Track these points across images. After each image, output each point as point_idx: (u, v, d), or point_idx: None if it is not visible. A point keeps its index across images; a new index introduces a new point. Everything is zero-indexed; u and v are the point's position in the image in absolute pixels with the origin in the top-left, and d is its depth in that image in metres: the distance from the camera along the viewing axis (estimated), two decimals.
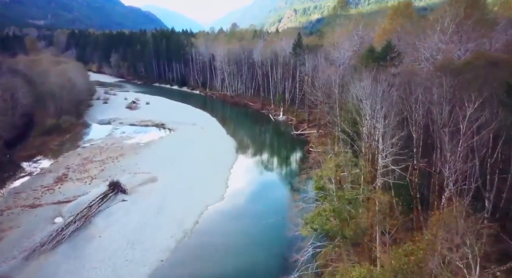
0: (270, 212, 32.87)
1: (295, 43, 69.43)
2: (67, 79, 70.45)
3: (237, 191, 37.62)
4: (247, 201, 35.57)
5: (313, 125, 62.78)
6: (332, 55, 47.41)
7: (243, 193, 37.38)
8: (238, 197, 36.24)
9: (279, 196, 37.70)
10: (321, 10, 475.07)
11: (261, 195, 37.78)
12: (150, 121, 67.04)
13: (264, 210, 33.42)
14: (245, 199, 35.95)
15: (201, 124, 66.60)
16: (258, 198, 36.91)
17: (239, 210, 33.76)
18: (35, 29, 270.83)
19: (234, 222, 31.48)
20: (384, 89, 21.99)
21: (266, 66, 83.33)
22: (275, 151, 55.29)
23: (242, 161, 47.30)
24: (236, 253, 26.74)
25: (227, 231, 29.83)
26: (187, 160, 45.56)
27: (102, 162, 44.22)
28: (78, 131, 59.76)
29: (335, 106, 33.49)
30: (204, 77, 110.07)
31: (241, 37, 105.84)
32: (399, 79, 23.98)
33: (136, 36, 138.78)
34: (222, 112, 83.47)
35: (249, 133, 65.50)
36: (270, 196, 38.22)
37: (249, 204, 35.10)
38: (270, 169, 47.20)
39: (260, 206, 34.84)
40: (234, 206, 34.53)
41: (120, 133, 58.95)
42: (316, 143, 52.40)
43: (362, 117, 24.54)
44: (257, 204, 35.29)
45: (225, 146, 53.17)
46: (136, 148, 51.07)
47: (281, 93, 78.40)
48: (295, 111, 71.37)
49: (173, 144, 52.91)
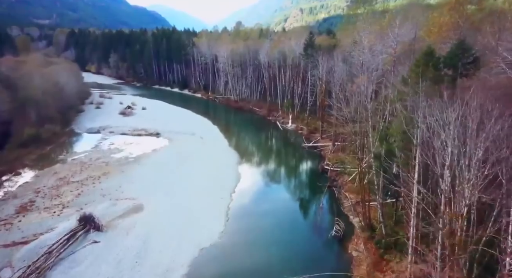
0: (278, 260, 25.55)
1: (307, 43, 62.12)
2: (54, 82, 63.81)
3: (239, 226, 30.43)
4: (251, 242, 28.15)
5: (327, 137, 55.46)
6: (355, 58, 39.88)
7: (246, 228, 30.18)
8: (240, 235, 29.03)
9: (291, 236, 29.26)
10: (327, 9, 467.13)
11: (267, 231, 30.04)
12: (144, 130, 60.10)
13: (270, 257, 26.03)
14: (247, 239, 28.62)
15: (201, 133, 59.57)
16: (264, 236, 29.17)
17: (239, 254, 26.55)
18: (36, 29, 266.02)
19: (231, 273, 24.24)
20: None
21: (273, 69, 76.17)
22: (285, 169, 47.74)
23: (246, 182, 40.00)
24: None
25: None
26: (181, 181, 38.50)
27: (80, 184, 37.25)
28: (62, 143, 53.01)
29: (367, 127, 25.85)
30: (206, 79, 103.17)
31: (246, 37, 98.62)
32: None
33: (135, 36, 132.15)
34: (224, 119, 76.35)
35: (254, 145, 58.18)
36: (278, 233, 29.99)
37: (253, 246, 27.71)
38: (278, 193, 39.49)
39: (264, 249, 27.22)
40: (234, 247, 27.30)
41: (109, 145, 52.05)
42: (333, 159, 45.03)
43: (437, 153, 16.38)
44: (262, 246, 27.66)
45: (226, 161, 46.03)
46: (123, 163, 44.09)
47: (290, 98, 71.07)
48: (306, 119, 64.02)
49: (166, 159, 45.88)
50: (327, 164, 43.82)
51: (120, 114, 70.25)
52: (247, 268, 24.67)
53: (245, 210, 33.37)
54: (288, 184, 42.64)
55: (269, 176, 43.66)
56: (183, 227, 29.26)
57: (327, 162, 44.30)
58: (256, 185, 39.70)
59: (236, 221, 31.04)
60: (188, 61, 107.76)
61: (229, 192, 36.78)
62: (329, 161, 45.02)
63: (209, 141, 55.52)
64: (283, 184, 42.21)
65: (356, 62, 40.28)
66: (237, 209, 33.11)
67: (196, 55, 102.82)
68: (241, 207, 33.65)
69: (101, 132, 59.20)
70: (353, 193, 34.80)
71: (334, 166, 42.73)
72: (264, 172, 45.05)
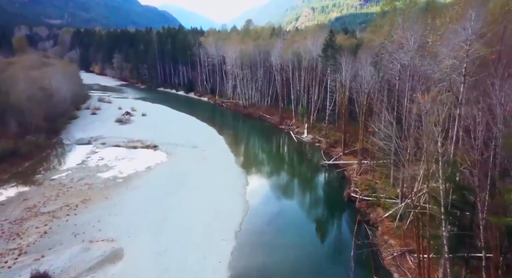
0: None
1: (326, 43, 54.09)
2: (42, 86, 57.23)
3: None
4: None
5: (350, 152, 47.51)
6: (395, 63, 31.68)
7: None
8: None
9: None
10: (340, 8, 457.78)
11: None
12: (140, 141, 53.03)
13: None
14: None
15: (204, 146, 52.32)
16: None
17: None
18: (45, 28, 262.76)
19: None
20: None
21: (287, 72, 68.39)
22: (301, 197, 39.44)
23: (255, 215, 32.32)
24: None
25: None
26: (174, 214, 31.14)
27: (51, 216, 30.19)
28: (43, 158, 46.22)
29: (435, 164, 17.84)
30: (213, 82, 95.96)
31: (257, 36, 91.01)
32: None
33: (140, 35, 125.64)
34: (232, 128, 68.85)
35: (265, 161, 50.36)
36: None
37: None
38: (295, 234, 30.97)
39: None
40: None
41: (97, 161, 45.06)
42: (361, 183, 37.05)
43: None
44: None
45: (232, 184, 38.53)
46: (110, 186, 36.95)
47: (305, 105, 63.19)
48: (325, 129, 56.08)
49: (160, 181, 38.61)
50: (354, 190, 35.84)
51: (116, 122, 63.29)
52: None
53: (252, 259, 25.72)
54: (306, 219, 33.69)
55: (282, 206, 35.66)
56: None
57: (354, 188, 36.29)
58: (267, 219, 31.85)
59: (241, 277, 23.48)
60: (194, 62, 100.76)
61: (234, 229, 29.24)
62: (356, 185, 37.04)
63: (213, 156, 48.11)
64: (301, 219, 33.42)
65: (395, 68, 32.14)
66: (243, 258, 25.47)
67: (203, 56, 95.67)
68: (248, 255, 26.02)
69: (92, 144, 52.35)
70: (396, 237, 26.84)
71: (363, 193, 34.76)
72: (276, 200, 36.95)
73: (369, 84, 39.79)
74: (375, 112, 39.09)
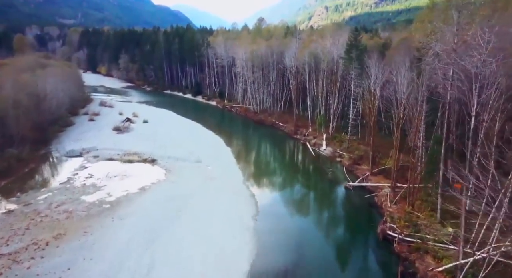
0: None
1: (350, 43, 46.90)
2: (32, 91, 51.71)
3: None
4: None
5: (379, 171, 40.39)
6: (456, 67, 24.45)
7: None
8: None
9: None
10: (354, 7, 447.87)
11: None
12: (137, 154, 46.92)
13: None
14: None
15: (209, 160, 46.00)
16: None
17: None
18: (56, 28, 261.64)
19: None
20: None
21: (303, 75, 61.45)
22: (323, 233, 31.69)
23: (265, 256, 25.62)
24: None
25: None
26: (164, 261, 24.64)
27: (12, 259, 24.07)
28: (25, 175, 40.39)
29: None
30: (222, 85, 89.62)
31: (270, 36, 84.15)
32: None
33: (146, 35, 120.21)
34: (241, 137, 62.25)
35: (277, 180, 43.29)
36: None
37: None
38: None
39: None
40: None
41: (85, 179, 39.06)
42: (398, 217, 29.91)
43: None
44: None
45: (239, 215, 31.87)
46: (92, 215, 30.78)
47: (324, 113, 56.16)
48: (346, 142, 48.97)
49: (154, 208, 32.26)
50: (391, 226, 28.70)
51: (114, 130, 57.38)
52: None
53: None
54: (331, 268, 26.69)
55: (299, 246, 28.46)
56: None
57: (390, 223, 29.15)
58: (281, 267, 25.04)
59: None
60: (202, 63, 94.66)
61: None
62: (391, 219, 29.92)
63: (218, 173, 41.60)
64: (324, 268, 26.28)
65: (448, 74, 24.92)
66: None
67: (211, 57, 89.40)
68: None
69: (83, 156, 46.51)
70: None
71: (403, 231, 27.59)
72: (292, 238, 29.69)
73: (406, 93, 32.58)
74: (415, 127, 31.99)
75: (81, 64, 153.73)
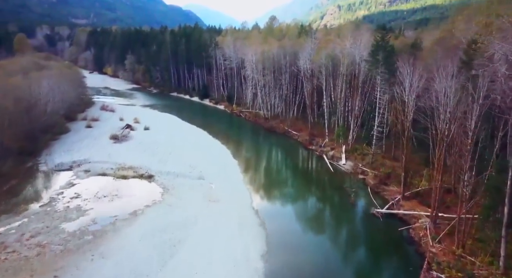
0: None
1: (377, 44, 40.69)
2: (20, 96, 47.14)
3: None
4: None
5: (412, 194, 34.21)
6: None
7: None
8: None
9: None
10: (368, 5, 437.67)
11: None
12: (132, 169, 41.71)
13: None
14: None
15: (213, 176, 40.56)
16: None
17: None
18: (67, 28, 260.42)
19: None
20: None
21: (319, 78, 55.42)
22: (349, 272, 25.95)
23: None
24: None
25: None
26: None
27: None
28: (2, 193, 35.55)
29: None
30: (231, 88, 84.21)
31: (282, 35, 78.23)
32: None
33: (153, 35, 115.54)
34: (250, 147, 56.55)
35: (290, 205, 37.00)
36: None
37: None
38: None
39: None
40: None
41: (70, 199, 34.02)
42: (446, 261, 23.74)
43: None
44: None
45: (245, 254, 26.13)
46: (69, 250, 25.54)
47: (343, 123, 50.10)
48: (370, 155, 42.84)
49: (146, 241, 26.86)
50: (438, 276, 22.56)
51: (111, 139, 52.39)
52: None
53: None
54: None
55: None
56: None
57: (436, 272, 23.01)
58: None
59: None
60: (210, 65, 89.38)
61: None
62: (437, 263, 23.78)
63: (222, 194, 36.02)
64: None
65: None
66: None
67: (219, 58, 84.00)
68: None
69: (73, 170, 41.63)
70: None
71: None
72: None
73: (451, 105, 26.37)
74: (465, 146, 25.74)
75: (88, 65, 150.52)
